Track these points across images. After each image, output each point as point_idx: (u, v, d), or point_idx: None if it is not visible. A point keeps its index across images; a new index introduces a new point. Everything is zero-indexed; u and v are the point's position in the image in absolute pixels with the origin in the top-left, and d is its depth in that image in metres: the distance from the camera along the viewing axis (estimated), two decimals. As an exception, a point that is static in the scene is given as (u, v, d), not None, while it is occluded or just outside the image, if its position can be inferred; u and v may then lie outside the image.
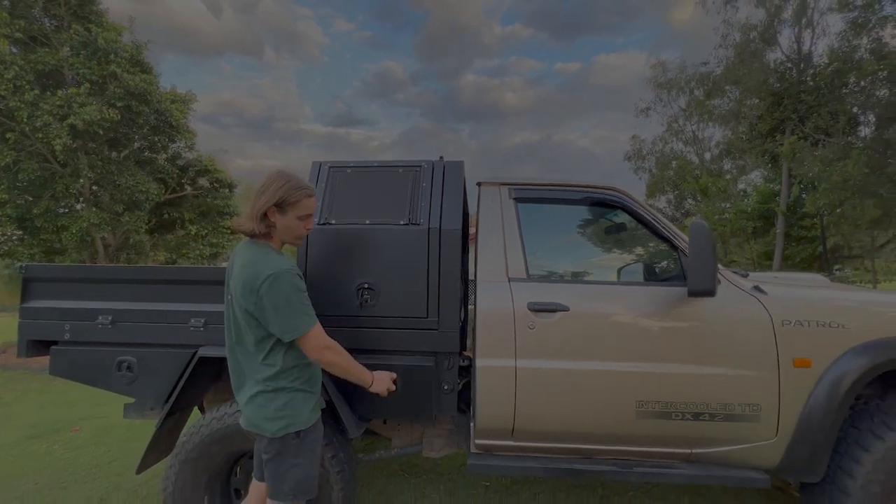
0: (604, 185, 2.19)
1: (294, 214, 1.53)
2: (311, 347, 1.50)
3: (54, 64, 9.86)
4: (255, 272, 1.43)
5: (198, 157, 13.16)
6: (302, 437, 1.53)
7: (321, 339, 1.52)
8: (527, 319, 2.00)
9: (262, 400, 1.51)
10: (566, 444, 2.04)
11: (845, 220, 11.86)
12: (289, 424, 1.50)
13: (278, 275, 1.42)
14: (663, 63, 21.74)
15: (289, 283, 1.43)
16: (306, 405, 1.56)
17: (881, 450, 1.80)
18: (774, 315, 1.93)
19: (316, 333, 1.50)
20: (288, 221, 1.54)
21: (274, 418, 1.49)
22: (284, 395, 1.51)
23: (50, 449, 3.79)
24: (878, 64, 9.70)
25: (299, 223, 1.56)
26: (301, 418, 1.52)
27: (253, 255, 1.49)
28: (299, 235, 1.61)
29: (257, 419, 1.51)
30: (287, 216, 1.53)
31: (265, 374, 1.50)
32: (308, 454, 1.56)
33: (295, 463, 1.52)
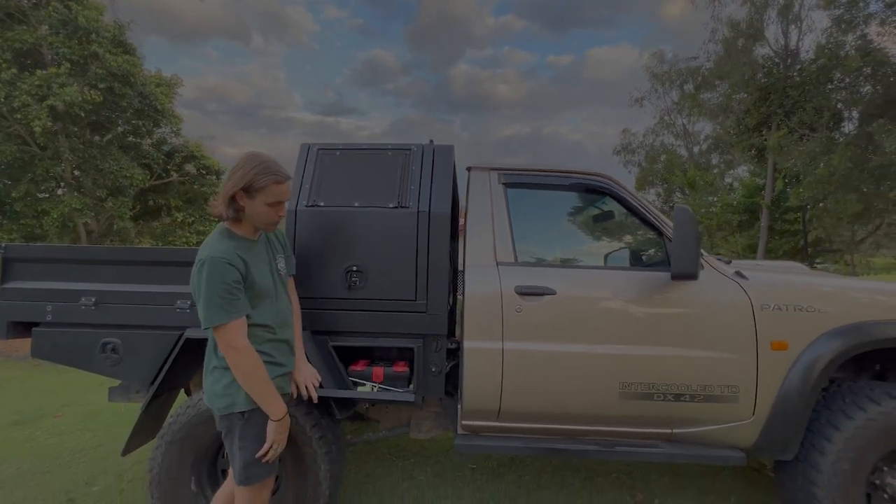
0: (592, 171, 2.21)
1: (262, 200, 1.48)
2: (220, 343, 1.44)
3: (32, 42, 9.52)
4: (198, 255, 1.44)
5: (184, 142, 12.90)
6: (246, 419, 1.49)
7: (230, 338, 1.42)
8: (514, 302, 2.02)
9: (216, 375, 1.51)
10: (550, 425, 2.08)
11: (827, 213, 12.14)
12: (232, 403, 1.48)
13: (207, 261, 1.40)
14: (661, 53, 21.81)
15: (215, 272, 1.39)
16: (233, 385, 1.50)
17: (851, 429, 1.88)
18: (754, 299, 1.98)
19: (228, 330, 1.41)
20: (257, 207, 1.48)
21: (221, 395, 1.49)
22: (231, 373, 1.48)
23: (33, 435, 3.75)
24: (863, 61, 9.86)
25: (269, 209, 1.50)
26: (241, 398, 1.48)
27: (209, 237, 1.50)
28: (271, 222, 1.55)
29: (209, 395, 1.53)
30: (255, 201, 1.48)
31: (218, 352, 1.51)
32: (253, 438, 1.50)
33: (241, 445, 1.50)
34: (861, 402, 1.92)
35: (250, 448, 1.50)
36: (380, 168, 2.20)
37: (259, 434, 1.51)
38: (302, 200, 2.14)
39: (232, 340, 1.43)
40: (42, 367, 6.52)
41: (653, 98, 22.52)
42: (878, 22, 10.04)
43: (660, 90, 22.10)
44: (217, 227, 1.54)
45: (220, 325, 1.41)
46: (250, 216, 1.51)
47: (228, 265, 1.42)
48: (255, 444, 1.51)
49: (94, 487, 2.76)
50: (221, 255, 1.42)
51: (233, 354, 1.45)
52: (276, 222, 1.58)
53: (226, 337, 1.43)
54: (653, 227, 2.15)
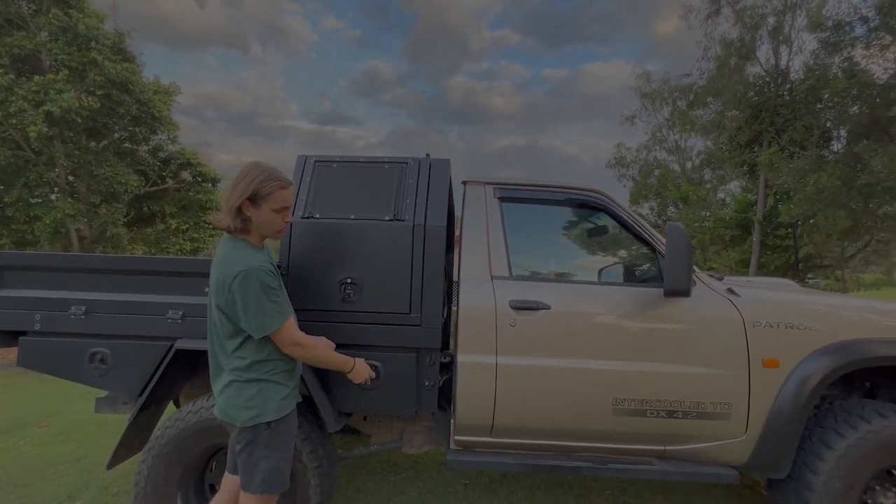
0: (587, 187, 2.24)
1: (268, 207, 1.51)
2: (282, 343, 1.52)
3: (31, 48, 9.54)
4: (226, 269, 1.44)
5: (180, 149, 12.87)
6: (272, 429, 1.52)
7: (291, 336, 1.52)
8: (508, 317, 2.02)
9: (234, 390, 1.51)
10: (544, 441, 2.07)
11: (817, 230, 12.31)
12: (259, 414, 1.50)
13: (248, 272, 1.42)
14: (648, 74, 22.26)
15: (258, 281, 1.43)
16: (276, 395, 1.54)
17: (843, 447, 1.89)
18: (746, 316, 2.00)
19: (286, 330, 1.50)
20: (263, 215, 1.51)
21: (244, 408, 1.50)
22: (255, 386, 1.51)
23: (16, 445, 3.66)
24: (849, 82, 10.12)
25: (275, 216, 1.53)
26: (270, 408, 1.52)
27: (228, 251, 1.50)
28: (278, 229, 1.58)
29: (228, 408, 1.52)
30: (261, 209, 1.50)
31: (237, 365, 1.51)
32: (279, 446, 1.55)
33: (265, 455, 1.52)
34: (852, 421, 1.93)
35: (276, 456, 1.54)
36: (376, 181, 2.21)
37: (285, 442, 1.57)
38: (298, 212, 2.14)
39: (293, 338, 1.52)
40: (27, 375, 6.39)
41: (644, 116, 22.92)
42: (863, 45, 10.33)
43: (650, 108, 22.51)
44: (231, 241, 1.53)
45: (279, 328, 1.47)
46: (257, 225, 1.53)
47: (269, 273, 1.47)
48: (282, 452, 1.55)
49: (77, 501, 2.69)
50: (260, 265, 1.45)
51: (299, 351, 1.55)
52: (283, 229, 1.61)
53: (287, 337, 1.51)
54: (646, 243, 2.17)
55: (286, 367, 1.59)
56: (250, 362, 1.51)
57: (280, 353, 1.56)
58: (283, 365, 1.58)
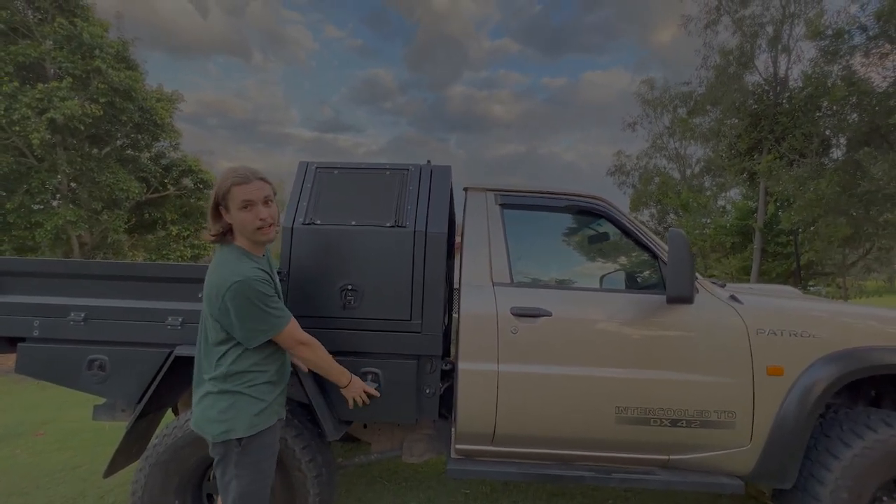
0: (588, 193, 2.23)
1: (234, 207, 1.45)
2: (288, 345, 1.52)
3: (36, 57, 9.64)
4: (220, 278, 1.42)
5: (182, 156, 12.94)
6: (243, 446, 1.44)
7: (295, 335, 1.53)
8: (510, 324, 2.01)
9: (209, 401, 1.47)
10: (546, 450, 2.04)
11: (818, 237, 12.30)
12: (229, 430, 1.43)
13: (241, 283, 1.40)
14: (651, 80, 22.40)
15: (253, 291, 1.41)
16: (249, 411, 1.46)
17: (849, 457, 1.86)
18: (749, 324, 1.98)
19: (290, 331, 1.51)
20: (235, 217, 1.47)
21: (216, 421, 1.44)
22: (229, 398, 1.45)
23: (11, 453, 3.62)
24: (849, 90, 10.18)
25: (245, 214, 1.44)
26: (241, 424, 1.44)
27: (222, 259, 1.48)
28: (255, 227, 1.46)
29: (201, 420, 1.47)
30: (231, 212, 1.47)
31: (215, 374, 1.47)
32: (249, 466, 1.45)
33: (235, 474, 1.44)
34: (858, 430, 1.90)
35: (247, 477, 1.45)
36: (377, 187, 2.21)
37: (257, 461, 1.47)
38: (299, 218, 2.14)
39: (298, 337, 1.53)
40: (25, 382, 6.35)
41: (645, 123, 23.04)
42: (862, 53, 10.41)
43: (651, 115, 22.63)
44: (227, 248, 1.51)
45: (283, 329, 1.47)
46: (237, 229, 1.50)
47: (263, 282, 1.45)
48: (254, 473, 1.46)
49: (73, 511, 2.66)
50: (254, 274, 1.43)
51: (305, 351, 1.56)
52: (262, 228, 1.48)
53: (291, 337, 1.51)
54: (647, 250, 2.16)
55: (267, 380, 1.52)
56: (229, 372, 1.46)
57: (264, 366, 1.50)
58: (263, 377, 1.50)
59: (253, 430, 1.45)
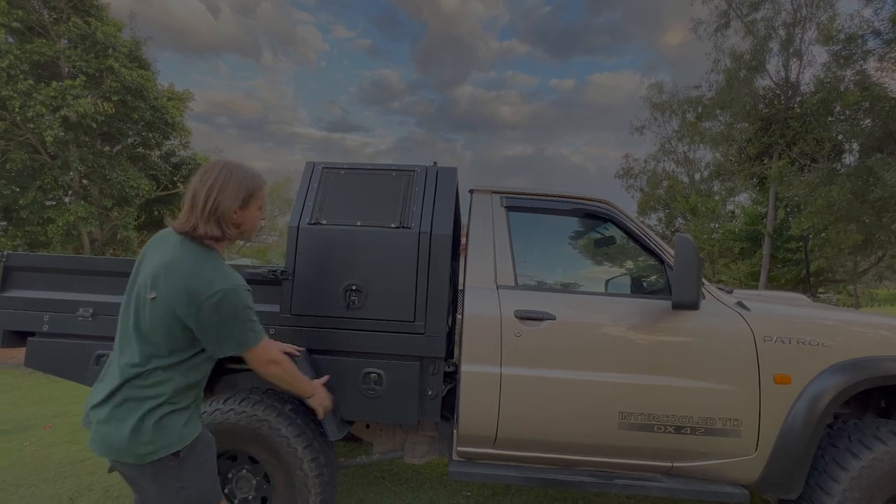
0: (594, 197, 2.22)
1: (256, 206, 1.43)
2: (258, 362, 1.44)
3: (51, 55, 9.79)
4: (203, 283, 1.28)
5: (192, 155, 13.09)
6: (182, 458, 1.32)
7: (268, 354, 1.45)
8: (513, 327, 2.00)
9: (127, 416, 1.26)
10: (548, 454, 2.03)
11: (829, 243, 12.13)
12: (158, 448, 1.27)
13: (230, 291, 1.30)
14: (659, 84, 22.23)
15: (241, 301, 1.34)
16: (177, 424, 1.32)
17: (857, 468, 1.83)
18: (756, 331, 1.96)
19: (263, 348, 1.42)
20: (251, 215, 1.43)
21: (144, 443, 1.26)
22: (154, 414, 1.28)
23: (20, 446, 3.67)
24: (862, 95, 10.03)
25: (258, 215, 1.46)
26: (171, 439, 1.30)
27: (199, 262, 1.33)
28: (256, 229, 1.49)
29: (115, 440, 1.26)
30: (250, 209, 1.41)
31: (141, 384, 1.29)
32: (193, 473, 1.35)
33: (182, 486, 1.33)
34: (867, 441, 1.87)
35: (195, 484, 1.35)
36: (383, 188, 2.22)
37: (201, 464, 1.38)
38: (304, 218, 2.15)
39: (270, 356, 1.46)
40: (35, 376, 6.44)
41: (653, 126, 22.86)
42: (876, 58, 10.26)
43: (660, 119, 22.46)
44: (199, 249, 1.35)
45: (255, 346, 1.39)
46: (242, 228, 1.42)
47: (247, 290, 1.38)
48: (200, 477, 1.37)
49: (79, 503, 2.69)
50: (241, 283, 1.36)
51: (274, 369, 1.48)
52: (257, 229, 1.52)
53: (265, 355, 1.44)
54: (653, 255, 2.15)
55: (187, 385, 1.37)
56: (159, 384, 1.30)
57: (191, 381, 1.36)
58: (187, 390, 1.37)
59: (185, 441, 1.33)
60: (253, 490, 2.08)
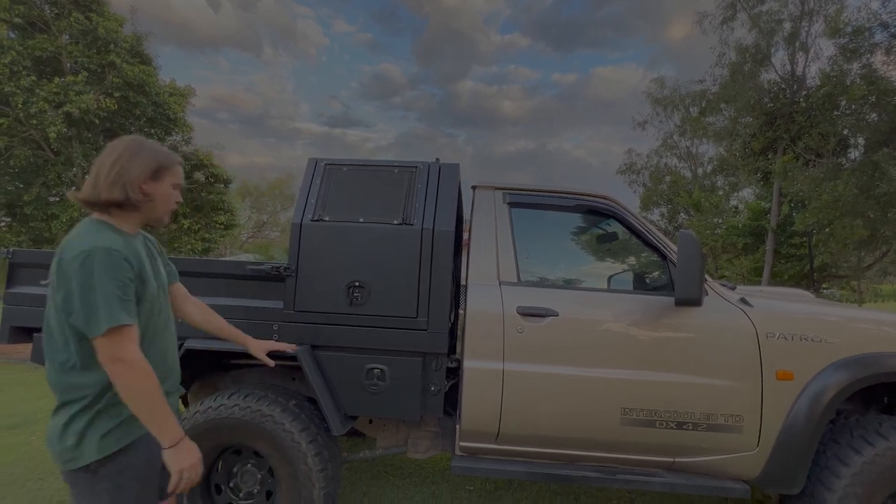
0: (597, 193, 2.22)
1: (170, 182, 1.33)
2: (103, 354, 1.12)
3: (52, 51, 9.79)
4: (71, 247, 1.13)
5: (194, 151, 13.09)
6: (93, 471, 1.15)
7: (121, 347, 1.12)
8: (516, 323, 2.01)
9: (57, 418, 1.18)
10: (550, 449, 2.04)
11: (833, 239, 12.08)
12: (74, 458, 1.14)
13: (93, 252, 1.11)
14: (661, 79, 22.06)
15: (107, 264, 1.11)
16: (97, 431, 1.16)
17: (859, 464, 1.83)
18: (759, 327, 1.96)
19: (121, 337, 1.12)
20: (165, 190, 1.31)
21: (59, 444, 1.15)
22: (75, 416, 1.15)
23: (27, 440, 3.72)
24: (868, 89, 9.94)
25: (173, 192, 1.35)
26: (89, 447, 1.14)
27: (82, 230, 1.18)
28: (171, 208, 1.37)
29: (49, 442, 1.18)
30: (163, 183, 1.30)
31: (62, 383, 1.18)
32: (109, 496, 1.15)
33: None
34: (869, 437, 1.88)
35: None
36: (386, 185, 2.22)
37: (118, 488, 1.17)
38: (307, 214, 2.16)
39: (121, 350, 1.12)
40: (41, 371, 6.49)
41: (655, 122, 22.71)
42: (882, 51, 10.15)
43: (662, 114, 22.29)
44: (87, 221, 1.23)
45: (113, 329, 1.10)
46: (154, 204, 1.30)
47: (123, 260, 1.16)
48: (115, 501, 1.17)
49: (86, 497, 2.72)
50: (113, 246, 1.14)
51: (123, 371, 1.12)
52: (173, 210, 1.39)
53: (115, 346, 1.11)
54: (656, 251, 2.14)
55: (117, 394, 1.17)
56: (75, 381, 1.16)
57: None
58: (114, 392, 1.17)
59: (104, 451, 1.15)
60: (258, 484, 2.10)
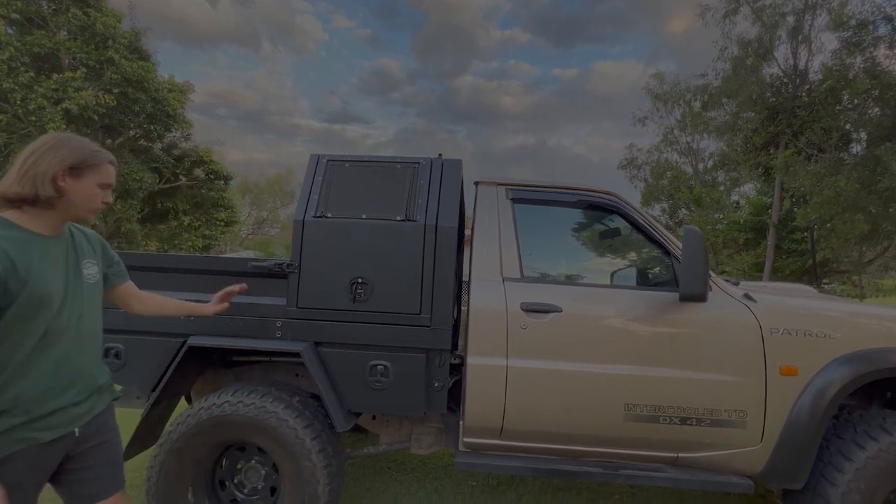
0: (600, 188, 2.21)
1: (94, 181, 1.27)
2: None
3: (51, 47, 9.75)
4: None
5: (194, 147, 13.06)
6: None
7: None
8: (519, 319, 2.00)
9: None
10: (554, 445, 2.05)
11: (835, 234, 12.05)
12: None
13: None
14: (660, 74, 21.95)
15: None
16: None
17: (862, 459, 1.83)
18: (763, 323, 1.95)
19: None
20: (86, 189, 1.26)
21: None
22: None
23: (31, 436, 3.73)
24: (871, 83, 9.88)
25: (99, 192, 1.30)
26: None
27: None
28: (95, 208, 1.32)
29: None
30: (84, 181, 1.25)
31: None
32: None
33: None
34: (873, 432, 1.88)
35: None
36: (388, 181, 2.21)
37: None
38: (310, 211, 2.15)
39: None
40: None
41: (655, 117, 22.61)
42: (886, 45, 10.08)
43: (662, 109, 22.19)
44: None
45: None
46: (72, 201, 1.24)
47: None
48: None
49: (90, 493, 2.74)
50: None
51: None
52: (100, 210, 1.35)
53: None
54: (660, 247, 2.14)
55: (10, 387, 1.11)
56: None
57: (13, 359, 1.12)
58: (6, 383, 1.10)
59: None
60: (262, 480, 2.11)
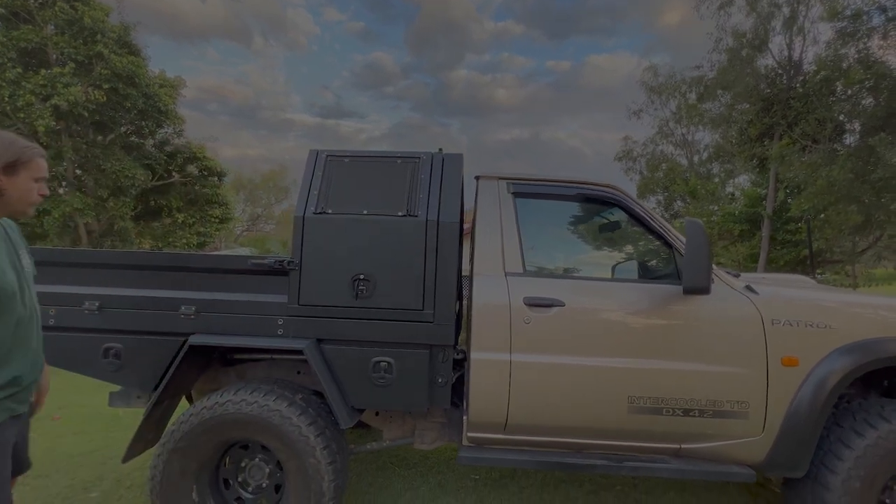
0: (602, 182, 2.20)
1: (28, 176, 1.35)
2: None
3: (38, 42, 9.56)
4: None
5: (186, 143, 12.91)
6: None
7: None
8: (522, 313, 2.00)
9: None
10: (558, 438, 2.06)
11: (829, 224, 12.15)
12: None
13: None
14: (654, 67, 21.93)
15: None
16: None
17: (862, 447, 1.86)
18: (765, 314, 1.96)
19: None
20: (22, 184, 1.34)
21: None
22: None
23: (30, 437, 3.70)
24: (865, 73, 9.92)
25: (34, 186, 1.38)
26: None
27: None
28: (33, 202, 1.40)
29: None
30: (19, 178, 1.33)
31: None
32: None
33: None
34: (872, 421, 1.90)
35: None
36: (389, 176, 2.19)
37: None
38: (310, 207, 2.13)
39: None
40: (40, 368, 6.45)
41: (650, 110, 22.62)
42: (880, 35, 10.11)
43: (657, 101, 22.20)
44: None
45: None
46: (11, 198, 1.33)
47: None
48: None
49: (93, 493, 2.72)
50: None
51: None
52: (37, 203, 1.42)
53: None
54: (662, 239, 2.14)
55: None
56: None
57: None
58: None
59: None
60: (266, 478, 2.10)
